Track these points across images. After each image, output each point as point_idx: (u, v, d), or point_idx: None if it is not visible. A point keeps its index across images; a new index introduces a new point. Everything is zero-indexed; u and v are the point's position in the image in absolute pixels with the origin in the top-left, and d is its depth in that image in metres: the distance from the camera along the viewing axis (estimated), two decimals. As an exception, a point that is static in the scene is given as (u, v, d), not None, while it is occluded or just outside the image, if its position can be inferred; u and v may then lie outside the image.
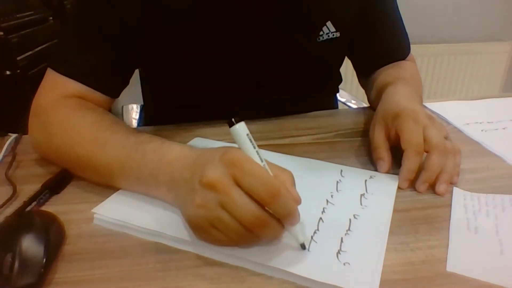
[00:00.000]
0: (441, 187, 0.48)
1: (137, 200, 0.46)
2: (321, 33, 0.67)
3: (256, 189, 0.35)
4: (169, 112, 0.76)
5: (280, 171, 0.39)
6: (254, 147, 0.37)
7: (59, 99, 0.55)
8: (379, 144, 0.55)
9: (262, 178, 0.35)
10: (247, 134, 0.37)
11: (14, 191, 0.48)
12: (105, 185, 0.48)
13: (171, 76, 0.71)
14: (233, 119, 0.37)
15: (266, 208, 0.35)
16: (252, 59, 0.67)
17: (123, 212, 0.43)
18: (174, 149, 0.44)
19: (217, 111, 0.66)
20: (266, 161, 0.38)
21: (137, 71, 0.82)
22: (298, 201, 0.38)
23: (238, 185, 0.35)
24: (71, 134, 0.51)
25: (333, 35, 0.68)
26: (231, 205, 0.35)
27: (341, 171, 0.53)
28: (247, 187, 0.35)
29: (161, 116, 0.79)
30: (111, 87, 0.60)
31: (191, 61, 0.66)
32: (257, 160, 0.37)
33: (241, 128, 0.37)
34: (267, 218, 0.36)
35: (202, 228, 0.38)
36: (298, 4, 0.64)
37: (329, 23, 0.67)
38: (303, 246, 0.38)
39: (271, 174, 0.37)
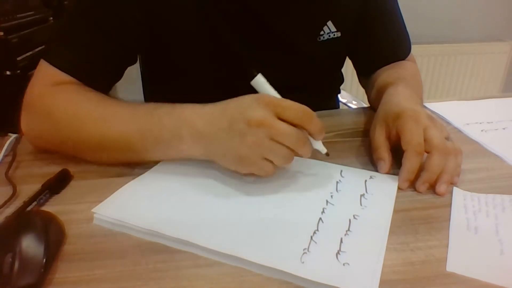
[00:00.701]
0: (441, 188, 0.48)
1: (137, 200, 0.46)
2: (321, 33, 0.67)
3: (297, 116, 0.44)
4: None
5: (297, 103, 0.46)
6: (274, 90, 0.48)
7: (54, 88, 0.55)
8: (380, 145, 0.55)
9: (297, 108, 0.45)
10: (267, 81, 0.47)
11: (14, 191, 0.48)
12: (119, 160, 0.50)
13: (171, 76, 0.71)
14: (253, 72, 0.46)
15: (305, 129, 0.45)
16: (252, 60, 0.67)
17: (123, 212, 0.43)
18: (187, 107, 0.49)
19: None
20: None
21: (138, 70, 0.82)
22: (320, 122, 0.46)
23: (280, 118, 0.43)
24: (79, 115, 0.52)
25: (334, 35, 0.68)
26: (280, 134, 0.43)
27: (341, 171, 0.53)
28: (289, 117, 0.44)
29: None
30: (102, 82, 0.60)
31: (190, 62, 0.66)
32: (280, 98, 0.47)
33: (261, 79, 0.47)
34: (305, 137, 0.46)
35: (254, 163, 0.45)
36: (298, 4, 0.64)
37: (329, 23, 0.67)
38: (327, 154, 0.50)
39: None
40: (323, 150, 0.50)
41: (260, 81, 0.47)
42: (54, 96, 0.54)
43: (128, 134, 0.49)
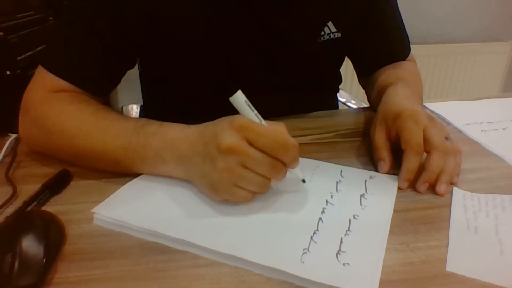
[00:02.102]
0: (441, 188, 0.48)
1: (137, 200, 0.46)
2: (322, 33, 0.67)
3: (269, 146, 0.42)
4: (168, 112, 0.76)
5: (275, 124, 0.44)
6: (253, 111, 0.43)
7: (51, 94, 0.56)
8: (380, 145, 0.55)
9: (272, 136, 0.42)
10: (245, 101, 0.43)
11: (14, 191, 0.48)
12: (110, 171, 0.51)
13: (171, 77, 0.71)
14: (231, 90, 0.43)
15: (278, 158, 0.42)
16: (252, 59, 0.67)
17: (123, 212, 0.43)
18: (174, 128, 0.49)
19: (217, 111, 0.66)
20: (263, 119, 0.44)
21: (137, 72, 0.82)
22: (297, 147, 0.44)
23: (251, 145, 0.41)
24: (70, 127, 0.52)
25: (334, 35, 0.68)
26: (251, 162, 0.42)
27: (341, 171, 0.53)
28: (261, 145, 0.42)
29: (161, 116, 0.79)
30: (99, 88, 0.60)
31: (190, 62, 0.66)
32: (257, 121, 0.43)
33: (239, 96, 0.43)
34: (280, 166, 0.43)
35: (226, 189, 0.43)
36: (299, 4, 0.64)
37: (330, 24, 0.67)
38: (304, 181, 0.48)
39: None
40: (300, 176, 0.48)
41: (238, 99, 0.43)
42: (48, 105, 0.55)
43: (115, 150, 0.49)
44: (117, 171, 0.50)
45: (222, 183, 0.43)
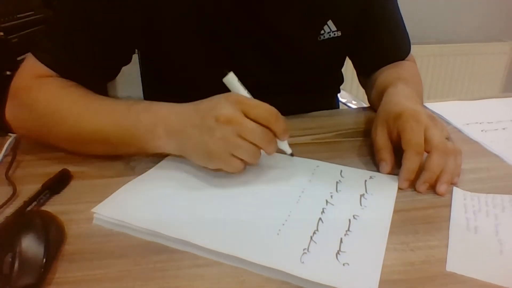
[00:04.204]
0: (441, 188, 0.48)
1: (137, 200, 0.46)
2: (322, 32, 0.67)
3: (263, 116, 0.46)
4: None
5: (264, 103, 0.47)
6: (245, 89, 0.50)
7: (39, 79, 0.57)
8: (382, 146, 0.54)
9: (264, 107, 0.46)
10: (238, 80, 0.49)
11: (14, 191, 0.48)
12: (98, 153, 0.52)
13: (170, 74, 0.71)
14: (224, 72, 0.49)
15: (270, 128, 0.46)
16: (252, 58, 0.67)
17: (123, 212, 0.43)
18: (164, 105, 0.51)
19: None
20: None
21: (137, 68, 0.81)
22: (285, 120, 0.48)
23: (247, 116, 0.45)
24: (60, 109, 0.54)
25: (335, 34, 0.68)
26: (247, 132, 0.45)
27: (341, 171, 0.53)
28: (255, 116, 0.45)
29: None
30: (87, 80, 0.60)
31: (190, 61, 0.66)
32: (250, 97, 0.49)
33: (232, 77, 0.49)
34: (271, 135, 0.47)
35: (222, 158, 0.46)
36: (299, 3, 0.64)
37: (330, 22, 0.67)
38: (292, 154, 0.53)
39: None
40: (288, 150, 0.52)
41: (231, 80, 0.49)
42: (38, 89, 0.56)
43: (105, 128, 0.51)
44: (108, 153, 0.52)
45: (218, 151, 0.46)
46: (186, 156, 0.50)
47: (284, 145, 0.52)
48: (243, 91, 0.49)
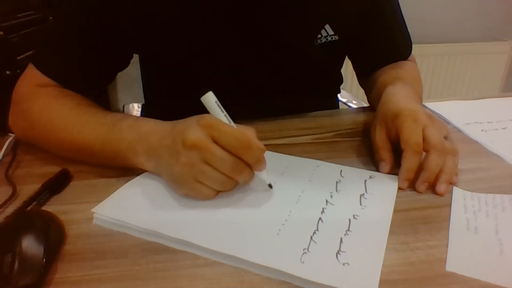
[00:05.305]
0: (441, 187, 0.48)
1: (137, 200, 0.46)
2: (319, 36, 0.67)
3: (232, 144, 0.42)
4: (169, 111, 0.76)
5: (245, 128, 0.45)
6: (222, 111, 0.45)
7: (37, 88, 0.58)
8: (381, 146, 0.54)
9: (235, 135, 0.43)
10: (216, 101, 0.45)
11: (14, 191, 0.48)
12: (89, 163, 0.53)
13: (170, 77, 0.71)
14: (202, 90, 0.44)
15: (241, 158, 0.43)
16: (250, 62, 0.67)
17: (123, 212, 0.43)
18: (148, 123, 0.50)
19: None
20: (233, 121, 0.45)
21: (138, 71, 0.82)
22: (263, 150, 0.45)
23: (216, 143, 0.42)
24: (52, 120, 0.55)
25: (332, 38, 0.67)
26: (213, 159, 0.42)
27: (341, 171, 0.53)
28: (224, 143, 0.42)
29: (162, 115, 0.79)
30: (88, 90, 0.61)
31: (188, 65, 0.66)
32: (226, 121, 0.44)
33: (210, 97, 0.44)
34: (242, 166, 0.44)
35: (188, 184, 0.44)
36: (295, 7, 0.64)
37: (327, 27, 0.66)
38: (270, 186, 0.48)
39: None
40: (267, 180, 0.47)
41: (209, 100, 0.44)
42: (34, 99, 0.58)
43: (91, 142, 0.51)
44: (98, 164, 0.52)
45: (183, 177, 0.44)
46: (162, 176, 0.49)
47: (262, 175, 0.47)
48: (220, 114, 0.44)
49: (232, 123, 0.45)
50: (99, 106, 0.58)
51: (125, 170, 0.52)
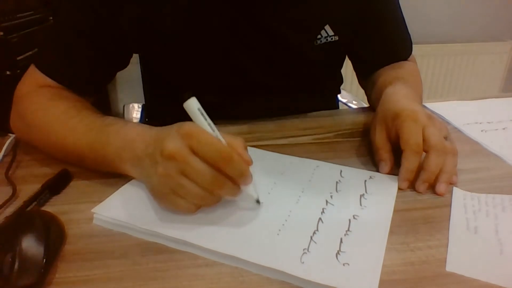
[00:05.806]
0: (441, 187, 0.48)
1: (137, 200, 0.46)
2: (319, 36, 0.67)
3: (211, 156, 0.39)
4: (170, 111, 0.76)
5: (232, 138, 0.42)
6: (206, 119, 0.41)
7: (36, 89, 0.59)
8: (381, 146, 0.54)
9: (215, 146, 0.39)
10: (198, 108, 0.41)
11: (14, 191, 0.48)
12: (84, 167, 0.52)
13: (170, 77, 0.71)
14: (184, 96, 0.40)
15: (222, 171, 0.40)
16: (250, 62, 0.67)
17: (123, 212, 0.43)
18: (135, 129, 0.48)
19: (218, 111, 0.66)
20: (219, 130, 0.42)
21: (138, 71, 0.82)
22: (249, 163, 0.42)
23: (195, 154, 0.39)
24: (44, 123, 0.55)
25: (332, 38, 0.67)
26: (190, 171, 0.39)
27: (341, 171, 0.53)
28: (203, 154, 0.39)
29: (162, 115, 0.79)
30: (87, 89, 0.62)
31: (189, 65, 0.66)
32: (209, 130, 0.41)
33: (192, 103, 0.40)
34: (223, 180, 0.40)
35: (166, 196, 0.42)
36: (296, 8, 0.64)
37: (327, 27, 0.66)
38: (258, 201, 0.44)
39: (224, 142, 0.41)
40: (254, 195, 0.44)
41: (191, 106, 0.40)
42: (29, 100, 0.58)
43: (80, 147, 0.51)
44: (87, 167, 0.52)
45: (161, 188, 0.42)
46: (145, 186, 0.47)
47: (249, 189, 0.43)
48: (202, 122, 0.40)
49: (217, 132, 0.41)
50: (93, 108, 0.57)
51: (125, 170, 0.52)
